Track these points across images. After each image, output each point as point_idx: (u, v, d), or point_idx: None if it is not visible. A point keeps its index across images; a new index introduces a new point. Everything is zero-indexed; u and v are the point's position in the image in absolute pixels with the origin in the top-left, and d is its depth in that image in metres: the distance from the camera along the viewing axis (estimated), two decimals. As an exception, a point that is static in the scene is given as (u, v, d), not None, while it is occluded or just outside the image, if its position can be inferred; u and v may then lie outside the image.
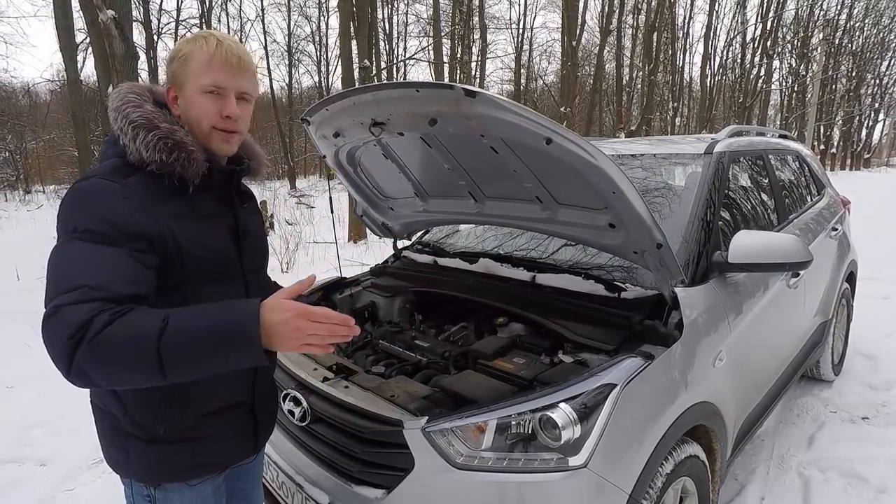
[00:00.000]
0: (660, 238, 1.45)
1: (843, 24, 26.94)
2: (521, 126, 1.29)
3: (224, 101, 1.02)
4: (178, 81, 1.03)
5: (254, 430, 1.18)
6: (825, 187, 3.49)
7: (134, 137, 0.97)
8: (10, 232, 10.82)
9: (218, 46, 1.00)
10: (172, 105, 1.06)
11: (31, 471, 2.64)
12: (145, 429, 1.02)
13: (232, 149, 1.09)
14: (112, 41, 5.92)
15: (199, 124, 1.03)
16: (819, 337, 2.92)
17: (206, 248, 1.02)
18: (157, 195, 0.97)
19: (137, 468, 1.07)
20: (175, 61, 1.03)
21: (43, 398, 3.31)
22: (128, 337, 0.80)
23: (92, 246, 0.89)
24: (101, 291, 0.84)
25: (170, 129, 0.99)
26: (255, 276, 1.17)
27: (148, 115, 1.00)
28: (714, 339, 1.72)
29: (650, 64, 20.01)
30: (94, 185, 0.94)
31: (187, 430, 1.05)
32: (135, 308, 0.84)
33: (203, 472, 1.10)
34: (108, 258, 0.88)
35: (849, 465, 2.42)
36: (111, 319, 0.81)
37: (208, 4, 19.34)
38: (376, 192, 2.28)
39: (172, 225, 0.97)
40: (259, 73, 1.27)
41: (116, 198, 0.92)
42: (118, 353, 0.80)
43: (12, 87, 18.72)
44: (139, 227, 0.92)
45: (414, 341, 1.95)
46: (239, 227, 1.11)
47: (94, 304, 0.82)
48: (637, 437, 1.37)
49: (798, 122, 27.25)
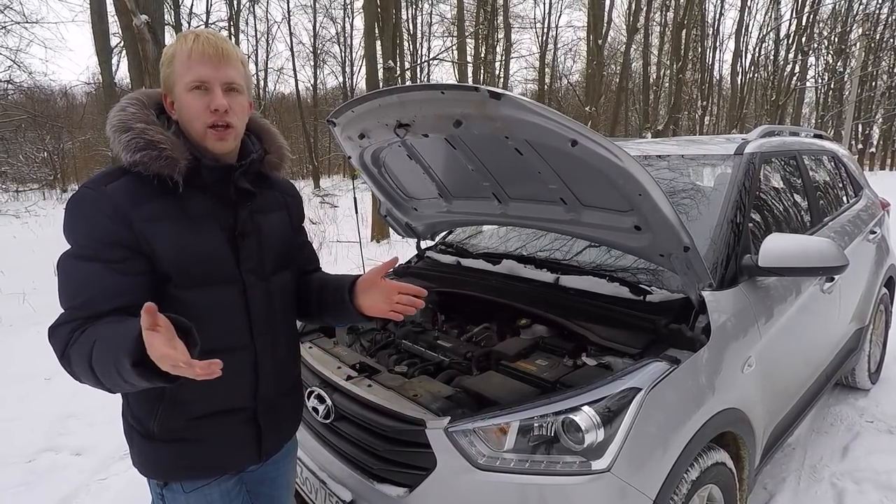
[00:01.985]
0: (687, 241, 1.42)
1: (885, 19, 25.89)
2: (546, 128, 1.29)
3: (210, 95, 0.99)
4: (169, 85, 1.02)
5: (256, 436, 1.13)
6: (863, 189, 3.37)
7: (113, 140, 0.98)
8: (48, 229, 11.24)
9: (195, 41, 0.99)
10: (170, 110, 1.04)
11: (67, 459, 2.75)
12: (143, 424, 1.05)
13: (227, 146, 1.04)
14: (145, 45, 6.11)
15: (192, 124, 1.01)
16: (855, 344, 2.82)
17: (184, 249, 0.99)
18: (138, 198, 0.97)
19: (137, 461, 1.10)
20: (164, 65, 1.02)
21: (79, 390, 3.41)
22: (79, 355, 0.88)
23: (77, 263, 0.95)
24: (83, 311, 0.92)
25: (143, 128, 0.98)
26: (260, 278, 1.10)
27: (125, 118, 0.99)
28: (743, 344, 1.68)
29: (678, 62, 19.61)
30: (78, 197, 0.97)
31: (179, 431, 1.04)
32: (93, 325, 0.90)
33: (196, 474, 1.08)
34: (89, 275, 0.94)
35: (886, 477, 2.33)
36: (77, 339, 0.89)
37: (236, 7, 19.74)
38: (400, 193, 2.30)
39: (146, 227, 0.96)
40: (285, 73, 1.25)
41: (92, 208, 0.95)
42: (79, 368, 0.89)
43: (51, 90, 19.50)
44: (113, 236, 0.95)
45: (436, 341, 1.96)
46: (237, 226, 1.06)
47: (77, 323, 0.91)
48: (662, 442, 1.35)
49: (834, 120, 26.32)
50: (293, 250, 1.25)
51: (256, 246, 1.10)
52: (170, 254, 0.98)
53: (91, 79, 18.34)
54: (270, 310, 1.13)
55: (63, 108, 22.49)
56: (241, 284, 1.07)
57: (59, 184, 23.17)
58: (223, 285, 1.04)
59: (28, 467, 2.67)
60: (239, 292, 1.07)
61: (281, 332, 1.17)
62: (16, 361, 4.07)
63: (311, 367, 1.78)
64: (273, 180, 1.21)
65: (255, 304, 1.09)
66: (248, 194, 1.08)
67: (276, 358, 1.15)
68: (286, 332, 1.20)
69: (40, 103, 18.95)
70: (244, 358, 1.08)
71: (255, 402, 1.12)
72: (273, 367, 1.14)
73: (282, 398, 1.19)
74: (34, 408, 3.29)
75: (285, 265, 1.19)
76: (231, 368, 0.91)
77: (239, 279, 1.07)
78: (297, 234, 1.29)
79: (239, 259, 1.06)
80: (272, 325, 1.13)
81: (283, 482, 1.30)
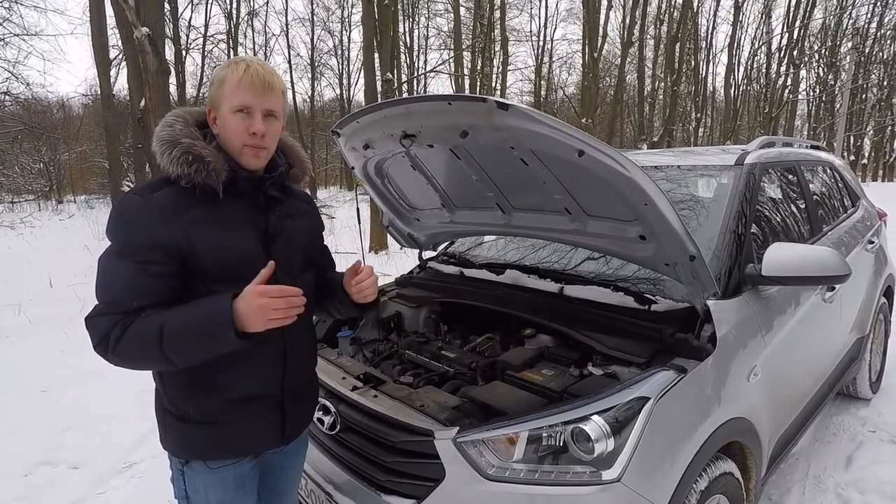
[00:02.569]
0: (693, 250, 1.43)
1: (874, 33, 26.33)
2: (553, 138, 1.30)
3: (251, 119, 1.12)
4: (216, 104, 1.15)
5: (281, 422, 1.24)
6: (860, 199, 3.40)
7: (161, 154, 1.10)
8: (44, 240, 11.18)
9: (246, 71, 1.11)
10: (213, 125, 1.17)
11: (64, 473, 2.70)
12: (178, 407, 1.16)
13: (260, 163, 1.18)
14: (146, 57, 6.14)
15: (231, 141, 1.14)
16: (856, 353, 2.83)
17: (223, 249, 1.11)
18: (181, 205, 1.09)
19: (171, 442, 1.20)
20: (213, 86, 1.16)
21: (77, 402, 3.40)
22: (139, 344, 1.03)
23: (115, 261, 1.07)
24: (116, 307, 1.06)
25: (190, 143, 1.10)
26: (290, 275, 1.22)
27: (175, 134, 1.11)
28: (748, 353, 1.68)
29: (673, 75, 19.84)
30: (125, 202, 1.10)
31: (214, 414, 1.15)
32: (139, 318, 1.04)
33: (224, 454, 1.19)
34: (124, 275, 1.06)
35: (890, 487, 2.33)
36: (122, 331, 1.03)
37: (235, 20, 19.89)
38: (403, 203, 2.30)
39: (189, 231, 1.08)
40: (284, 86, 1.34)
41: (138, 213, 1.07)
42: (135, 356, 1.06)
43: (48, 102, 19.48)
44: (153, 239, 1.06)
45: (440, 352, 1.96)
46: (269, 230, 1.19)
47: (111, 317, 1.04)
48: (671, 452, 1.35)
49: (826, 132, 26.62)
50: (316, 254, 1.41)
51: (285, 246, 1.23)
52: (210, 252, 1.10)
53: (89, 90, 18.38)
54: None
55: (60, 119, 22.45)
56: (273, 281, 1.16)
57: (54, 195, 23.07)
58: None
59: (25, 481, 2.63)
60: None
61: (304, 327, 1.30)
62: (12, 373, 4.02)
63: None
64: (294, 191, 1.34)
65: None
66: (277, 201, 1.23)
67: (300, 350, 1.29)
68: (308, 328, 1.35)
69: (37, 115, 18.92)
70: (275, 349, 1.21)
71: (282, 390, 1.24)
72: (299, 358, 1.28)
73: (304, 388, 1.33)
74: (30, 420, 3.24)
75: (310, 265, 1.35)
76: (264, 358, 1.18)
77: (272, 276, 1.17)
78: (319, 240, 1.44)
79: (270, 258, 1.16)
80: (299, 320, 1.21)
81: (291, 475, 1.42)
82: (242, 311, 1.01)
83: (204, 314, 1.03)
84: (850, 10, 24.45)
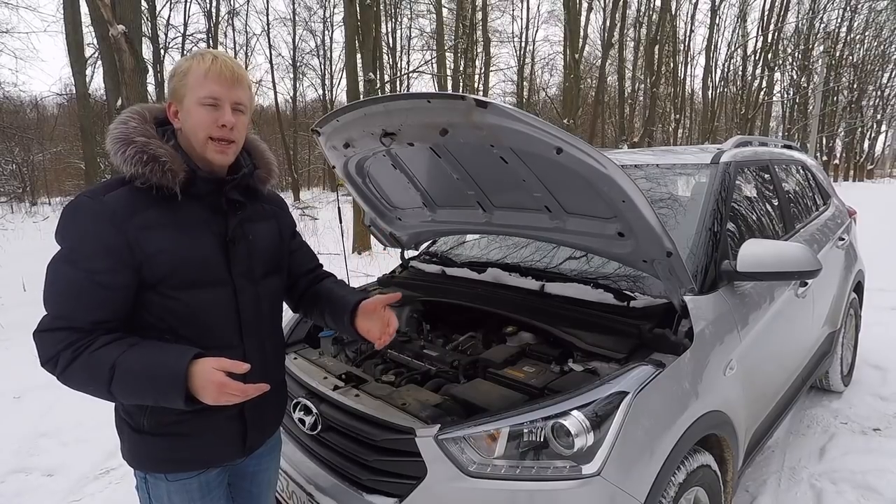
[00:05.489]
0: (669, 246, 1.46)
1: (844, 37, 27.08)
2: (531, 136, 1.31)
3: (220, 111, 1.07)
4: (178, 95, 1.09)
5: (241, 432, 1.19)
6: (831, 197, 3.49)
7: (115, 153, 1.04)
8: (17, 243, 10.89)
9: (213, 62, 1.07)
10: (173, 119, 1.11)
11: (38, 481, 2.63)
12: (134, 419, 1.12)
13: (227, 159, 1.13)
14: (122, 55, 6.02)
15: (196, 134, 1.08)
16: (828, 347, 2.90)
17: (176, 253, 1.05)
18: (135, 207, 1.03)
19: (127, 453, 1.17)
20: (175, 77, 1.10)
21: (51, 408, 3.31)
22: (86, 377, 1.00)
23: (64, 268, 1.01)
24: (66, 321, 1.00)
25: (145, 142, 1.05)
26: (251, 281, 1.18)
27: (128, 131, 1.06)
28: (724, 347, 1.72)
29: (652, 76, 20.16)
30: (76, 204, 1.03)
31: (168, 426, 1.11)
32: (93, 344, 0.99)
33: (182, 467, 1.15)
34: (72, 285, 1.01)
35: (861, 477, 2.39)
36: (73, 357, 0.98)
37: (215, 19, 19.62)
38: (384, 203, 2.30)
39: (140, 235, 1.02)
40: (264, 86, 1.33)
41: (88, 217, 1.01)
42: (80, 385, 1.01)
43: (21, 101, 18.95)
44: (105, 244, 1.00)
45: (422, 350, 1.95)
46: (228, 233, 1.14)
47: (60, 333, 0.99)
48: (649, 445, 1.37)
49: (800, 133, 27.29)
50: (285, 257, 1.34)
51: (246, 252, 1.18)
52: (164, 256, 1.04)
53: (63, 90, 17.92)
54: (259, 312, 1.20)
55: (33, 119, 21.86)
56: (231, 287, 1.14)
57: (28, 197, 22.49)
58: (215, 287, 1.12)
59: (-5, 490, 2.56)
60: (230, 294, 1.14)
61: (268, 334, 1.25)
62: (-18, 380, 3.90)
63: (296, 377, 1.76)
64: (260, 194, 1.28)
65: (245, 306, 1.17)
66: (239, 204, 1.16)
67: (263, 357, 1.22)
68: (273, 334, 1.28)
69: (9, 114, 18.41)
70: (233, 356, 1.12)
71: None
72: (260, 366, 1.18)
73: (267, 396, 1.21)
74: (2, 427, 3.15)
75: (275, 270, 1.28)
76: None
77: (230, 282, 1.14)
78: (292, 240, 1.39)
79: (230, 263, 1.14)
80: (260, 326, 1.21)
81: (264, 478, 1.37)
82: (197, 382, 0.97)
83: (160, 368, 0.98)
84: (821, 14, 25.13)
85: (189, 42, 18.94)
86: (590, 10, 20.71)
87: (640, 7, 23.93)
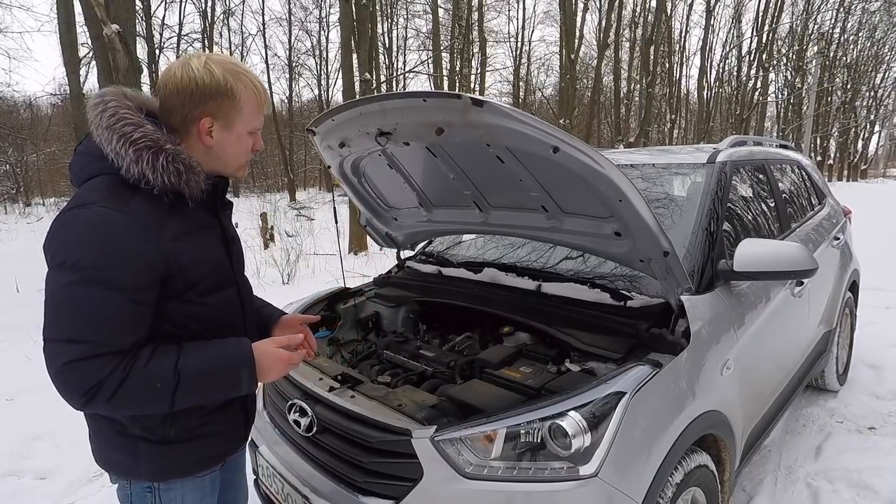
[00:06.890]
0: (666, 246, 1.45)
1: (838, 38, 27.23)
2: (528, 135, 1.30)
3: (255, 137, 1.12)
4: (227, 119, 1.04)
5: (245, 422, 1.24)
6: (826, 196, 3.51)
7: (137, 159, 0.95)
8: (11, 244, 10.82)
9: (262, 91, 1.09)
10: (204, 136, 1.04)
11: (31, 484, 2.61)
12: (155, 432, 1.07)
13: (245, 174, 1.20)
14: (116, 55, 5.98)
15: (236, 158, 1.11)
16: (823, 346, 2.91)
17: (205, 260, 1.07)
18: (159, 217, 0.98)
19: (147, 469, 1.10)
20: (223, 97, 1.02)
21: (44, 410, 3.28)
22: (146, 393, 0.94)
23: (90, 292, 0.90)
24: (107, 346, 0.91)
25: (175, 150, 0.99)
26: (243, 276, 1.24)
27: (152, 137, 0.98)
28: (721, 347, 1.71)
29: (648, 77, 20.20)
30: (99, 217, 0.91)
31: (195, 429, 1.11)
32: (138, 361, 0.93)
33: (207, 465, 1.17)
34: (108, 307, 0.91)
35: (857, 475, 2.40)
36: (124, 377, 0.91)
37: (210, 19, 19.56)
38: (380, 203, 2.29)
39: (174, 246, 0.99)
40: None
41: (123, 232, 0.92)
42: (137, 404, 0.96)
43: (14, 101, 18.85)
44: (142, 261, 0.93)
45: (419, 351, 1.94)
46: (226, 234, 1.17)
47: (102, 359, 0.90)
48: (646, 445, 1.36)
49: (795, 133, 27.42)
50: None
51: (238, 249, 1.24)
52: (195, 265, 1.04)
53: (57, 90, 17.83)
54: (251, 305, 1.27)
55: (27, 119, 21.74)
56: (236, 285, 1.18)
57: (21, 197, 22.35)
58: (228, 287, 1.15)
59: (-13, 494, 2.53)
60: (236, 292, 1.18)
61: (253, 323, 1.29)
62: (-26, 383, 3.86)
63: (291, 379, 1.74)
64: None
65: (246, 301, 1.22)
66: (229, 204, 1.20)
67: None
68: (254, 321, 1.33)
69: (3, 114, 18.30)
70: None
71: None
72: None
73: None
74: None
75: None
76: None
77: (234, 281, 1.18)
78: None
79: (231, 262, 1.18)
80: (253, 319, 1.27)
81: (240, 464, 1.42)
82: (264, 363, 1.04)
83: (227, 360, 1.01)
84: (815, 15, 25.26)
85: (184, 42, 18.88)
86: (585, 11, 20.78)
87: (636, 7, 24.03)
